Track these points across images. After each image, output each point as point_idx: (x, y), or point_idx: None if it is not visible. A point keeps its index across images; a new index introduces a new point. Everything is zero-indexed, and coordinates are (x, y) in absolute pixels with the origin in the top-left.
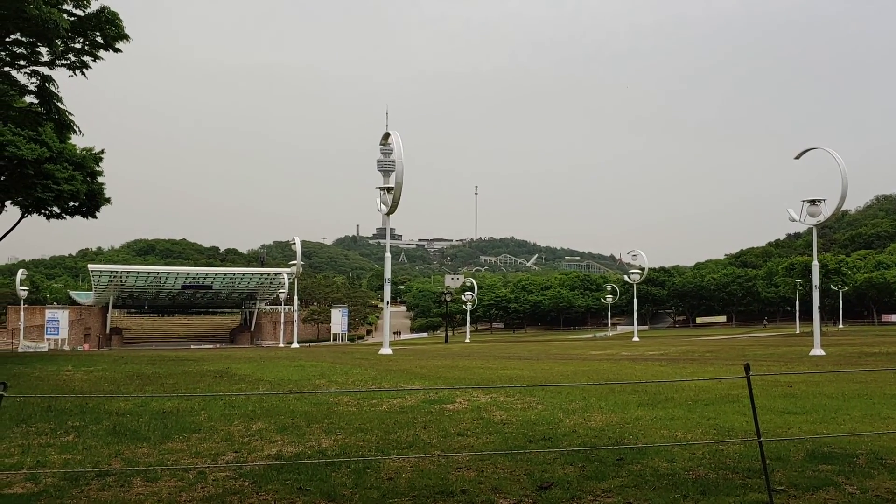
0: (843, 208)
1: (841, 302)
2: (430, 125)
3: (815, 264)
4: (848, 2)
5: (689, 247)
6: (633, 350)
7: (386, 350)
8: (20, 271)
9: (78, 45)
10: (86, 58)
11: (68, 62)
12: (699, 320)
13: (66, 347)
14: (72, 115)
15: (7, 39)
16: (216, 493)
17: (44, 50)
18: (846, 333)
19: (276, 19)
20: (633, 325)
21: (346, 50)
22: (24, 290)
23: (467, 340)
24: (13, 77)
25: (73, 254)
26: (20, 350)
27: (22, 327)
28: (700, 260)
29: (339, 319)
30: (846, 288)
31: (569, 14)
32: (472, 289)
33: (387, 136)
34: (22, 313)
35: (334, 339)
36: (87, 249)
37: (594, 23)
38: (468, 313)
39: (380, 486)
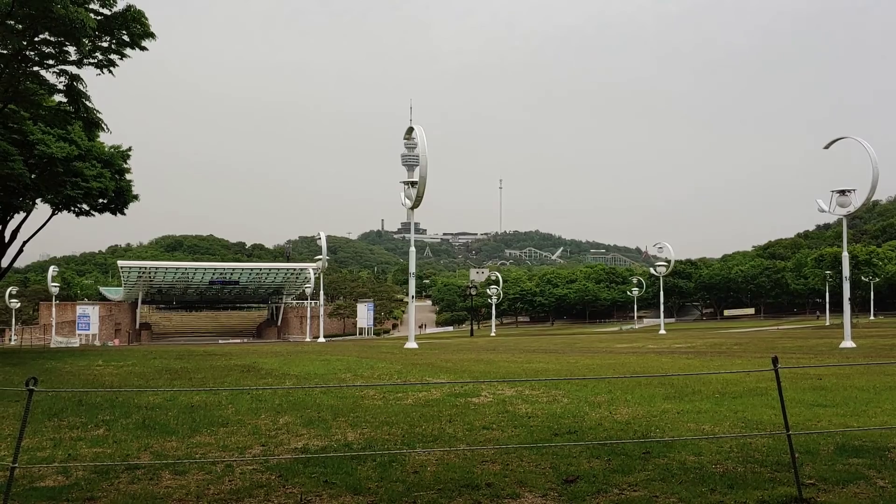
0: (874, 198)
1: (872, 293)
2: (455, 119)
3: (846, 255)
4: None
5: (716, 239)
6: (660, 343)
7: (411, 344)
8: (51, 268)
9: (105, 44)
10: (113, 56)
11: (96, 61)
12: (727, 313)
13: (97, 342)
14: (100, 113)
15: (36, 39)
16: (243, 486)
17: (71, 49)
18: (877, 325)
19: (303, 18)
20: (659, 317)
21: (372, 46)
22: (55, 286)
23: (493, 334)
24: (42, 76)
25: (103, 250)
26: (52, 345)
27: (54, 323)
28: (727, 252)
29: (364, 314)
30: (877, 279)
31: (596, 5)
32: (497, 282)
33: (410, 130)
34: (53, 309)
35: (360, 334)
36: (116, 246)
37: (619, 14)
38: (493, 307)
39: (405, 480)
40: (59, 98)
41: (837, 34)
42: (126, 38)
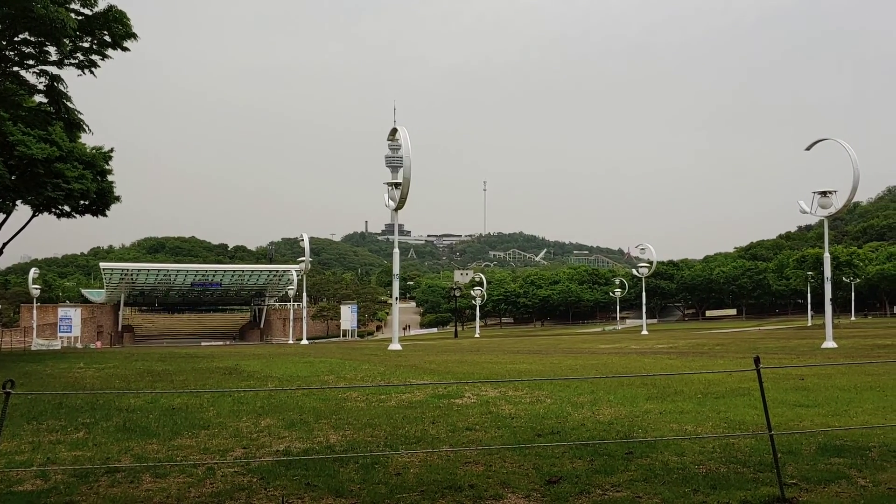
0: (855, 200)
1: (853, 294)
2: (440, 120)
3: (827, 256)
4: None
5: (698, 240)
6: (642, 343)
7: (395, 346)
8: (32, 270)
9: (86, 44)
10: (94, 57)
11: (77, 61)
12: (709, 313)
13: (79, 345)
14: (81, 114)
15: (16, 39)
16: (225, 488)
17: (52, 49)
18: (858, 325)
19: (290, 18)
20: (641, 318)
21: (358, 46)
22: (36, 288)
23: (477, 335)
24: (22, 77)
25: (85, 252)
26: (33, 348)
27: (35, 325)
28: (709, 253)
29: (348, 316)
30: (858, 280)
31: (581, 9)
32: (481, 284)
33: (394, 131)
34: (35, 312)
35: (344, 336)
36: (98, 248)
37: (607, 17)
38: (477, 308)
39: (388, 482)
40: (39, 99)
41: (819, 37)
42: (107, 38)
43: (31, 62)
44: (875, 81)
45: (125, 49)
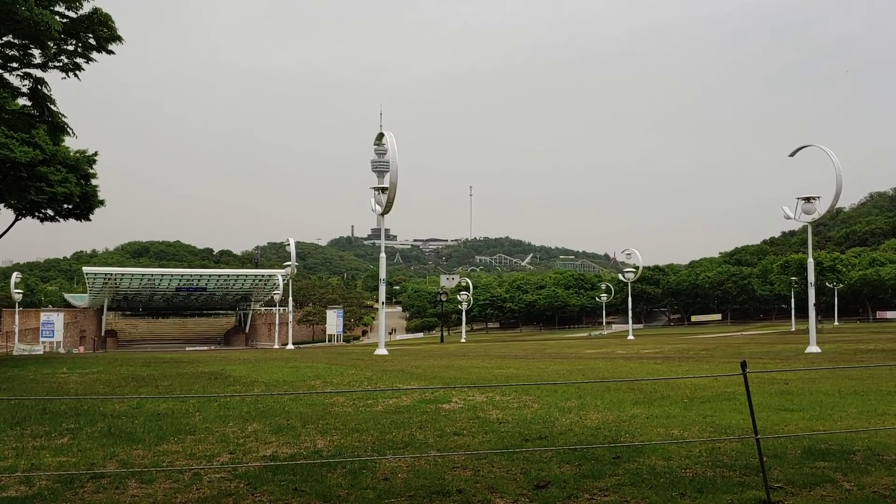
0: (838, 206)
1: (836, 299)
2: (426, 125)
3: (811, 261)
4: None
5: (683, 245)
6: (629, 348)
7: (381, 350)
8: (14, 274)
9: (70, 47)
10: (78, 59)
11: (61, 64)
12: (694, 318)
13: (62, 350)
14: (65, 117)
15: None
16: (211, 494)
17: (36, 52)
18: (841, 330)
19: (274, 23)
20: (628, 323)
21: (343, 52)
22: (18, 293)
23: (463, 340)
24: (5, 79)
25: (68, 256)
26: (15, 353)
27: (17, 330)
28: (694, 258)
29: (334, 320)
30: (841, 285)
31: (567, 15)
32: (467, 288)
33: (380, 136)
34: (17, 316)
35: (330, 340)
36: (81, 252)
37: (591, 24)
38: (464, 313)
39: (375, 487)
40: (22, 101)
41: (799, 43)
42: (92, 41)
43: (14, 65)
44: (859, 88)
45: (110, 52)
